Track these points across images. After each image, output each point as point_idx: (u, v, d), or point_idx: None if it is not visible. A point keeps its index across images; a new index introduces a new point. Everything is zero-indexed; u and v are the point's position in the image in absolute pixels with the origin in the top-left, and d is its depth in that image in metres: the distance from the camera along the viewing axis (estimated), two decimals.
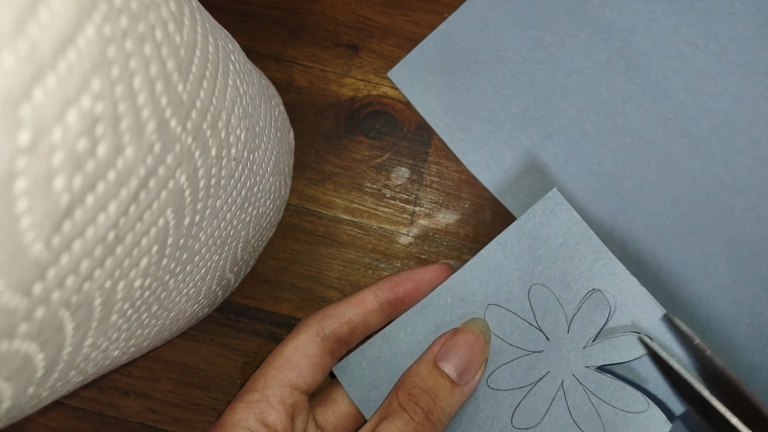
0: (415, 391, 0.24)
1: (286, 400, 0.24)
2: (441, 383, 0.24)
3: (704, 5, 0.31)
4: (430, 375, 0.25)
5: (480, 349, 0.25)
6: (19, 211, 0.10)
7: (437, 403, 0.24)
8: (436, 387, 0.24)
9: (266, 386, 0.24)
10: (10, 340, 0.12)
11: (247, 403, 0.24)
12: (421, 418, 0.23)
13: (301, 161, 0.32)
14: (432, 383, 0.24)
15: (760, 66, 0.31)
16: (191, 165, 0.17)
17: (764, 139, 0.30)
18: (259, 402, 0.24)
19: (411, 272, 0.27)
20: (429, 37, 0.32)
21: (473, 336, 0.26)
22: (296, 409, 0.25)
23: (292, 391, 0.25)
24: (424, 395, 0.24)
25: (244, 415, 0.24)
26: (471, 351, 0.25)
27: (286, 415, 0.24)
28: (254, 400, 0.24)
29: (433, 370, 0.25)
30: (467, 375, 0.25)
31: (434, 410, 0.24)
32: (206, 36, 0.17)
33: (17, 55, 0.10)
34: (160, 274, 0.18)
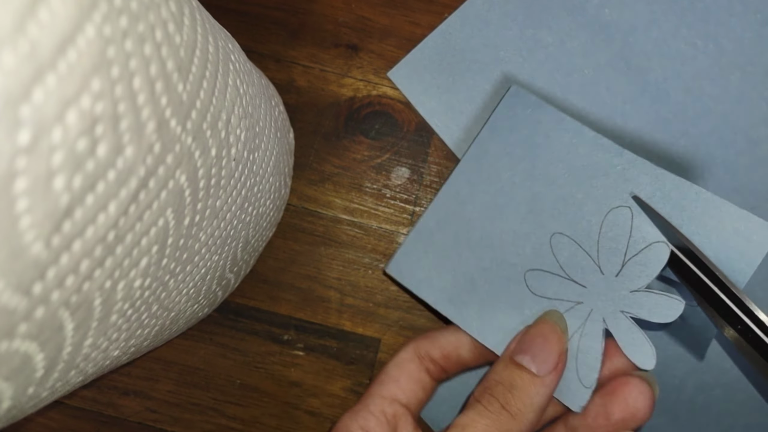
0: (490, 384, 0.24)
1: (386, 410, 0.25)
2: (517, 374, 0.24)
3: (704, 6, 0.31)
4: (506, 369, 0.25)
5: (557, 339, 0.25)
6: (19, 211, 0.10)
7: (514, 394, 0.24)
8: (512, 378, 0.24)
9: (368, 397, 0.26)
10: (9, 340, 0.12)
11: (351, 413, 0.25)
12: (497, 408, 0.23)
13: (300, 161, 0.32)
14: (507, 375, 0.24)
15: (760, 67, 0.31)
16: (191, 165, 0.17)
17: (764, 140, 0.30)
18: (360, 411, 0.25)
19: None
20: (429, 37, 0.32)
21: (548, 326, 0.26)
22: (397, 420, 0.25)
23: (391, 402, 0.26)
24: (498, 386, 0.24)
25: (346, 422, 0.25)
26: (547, 341, 0.25)
27: (386, 424, 0.25)
28: (357, 410, 0.25)
29: (509, 364, 0.25)
30: (546, 365, 0.24)
31: (511, 401, 0.24)
32: (206, 36, 0.17)
33: (17, 55, 0.10)
34: (160, 274, 0.18)
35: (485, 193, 0.29)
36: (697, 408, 0.30)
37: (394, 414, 0.25)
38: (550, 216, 0.28)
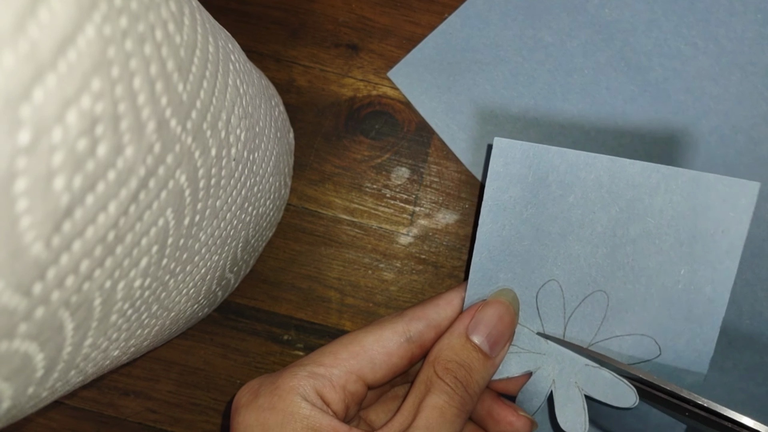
0: (452, 365, 0.24)
1: (348, 387, 0.24)
2: (474, 356, 0.25)
3: (704, 6, 0.31)
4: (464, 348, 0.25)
5: (510, 321, 0.26)
6: (19, 211, 0.10)
7: (473, 376, 0.24)
8: (470, 360, 0.25)
9: (334, 365, 0.24)
10: (9, 340, 0.12)
11: (310, 374, 0.23)
12: (462, 390, 0.24)
13: (301, 161, 0.32)
14: (466, 357, 0.25)
15: (760, 66, 0.31)
16: (191, 165, 0.17)
17: (764, 139, 0.30)
18: (322, 377, 0.23)
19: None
20: (429, 37, 0.32)
21: (504, 307, 0.26)
22: (355, 399, 0.24)
23: (357, 380, 0.24)
24: (460, 369, 0.24)
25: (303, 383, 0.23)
26: (502, 323, 0.25)
27: (343, 401, 0.24)
28: (318, 373, 0.23)
29: (466, 344, 0.25)
30: (498, 347, 0.25)
31: (471, 383, 0.24)
32: (206, 36, 0.17)
33: (17, 55, 0.10)
34: (160, 274, 0.18)
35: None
36: None
37: (354, 393, 0.24)
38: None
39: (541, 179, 0.26)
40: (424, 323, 0.25)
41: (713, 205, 0.26)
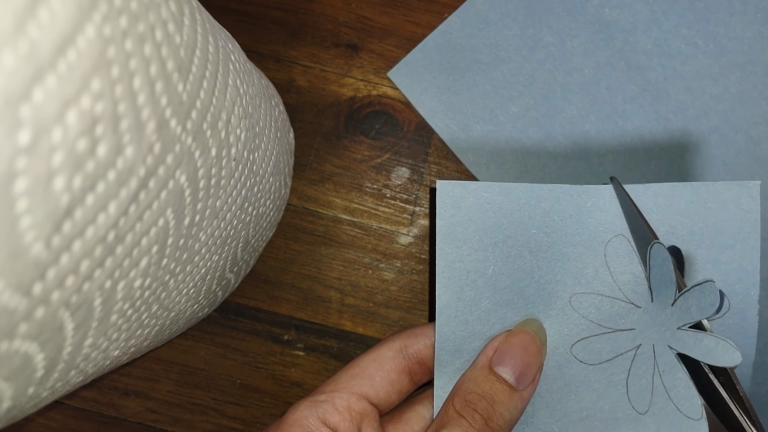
0: (472, 397, 0.23)
1: (353, 407, 0.24)
2: (498, 388, 0.23)
3: (704, 5, 0.31)
4: (487, 380, 0.23)
5: (536, 351, 0.24)
6: (19, 211, 0.10)
7: (496, 409, 0.23)
8: (494, 392, 0.23)
9: (335, 389, 0.24)
10: (10, 340, 0.12)
11: (312, 402, 0.24)
12: (481, 424, 0.22)
13: (301, 161, 0.32)
14: (489, 388, 0.23)
15: (760, 66, 0.31)
16: (191, 165, 0.17)
17: (764, 139, 0.30)
18: (323, 402, 0.24)
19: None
20: (429, 37, 0.32)
21: (528, 337, 0.24)
22: (364, 419, 0.24)
23: (360, 399, 0.24)
24: (481, 401, 0.23)
25: (305, 413, 0.23)
26: (527, 353, 0.24)
27: (350, 422, 0.23)
28: (319, 401, 0.24)
29: (489, 375, 0.24)
30: (525, 378, 0.24)
31: (493, 416, 0.23)
32: (206, 36, 0.17)
33: (17, 55, 0.10)
34: (160, 274, 0.18)
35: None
36: None
37: (360, 412, 0.24)
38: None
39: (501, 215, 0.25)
40: (422, 340, 0.25)
41: (719, 212, 0.25)
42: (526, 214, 0.25)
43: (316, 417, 0.23)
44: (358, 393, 0.24)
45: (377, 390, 0.24)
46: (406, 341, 0.25)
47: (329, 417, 0.23)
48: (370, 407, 0.24)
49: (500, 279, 0.26)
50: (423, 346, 0.25)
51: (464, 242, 0.25)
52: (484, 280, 0.25)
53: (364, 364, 0.25)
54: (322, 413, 0.23)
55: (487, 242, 0.25)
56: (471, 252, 0.25)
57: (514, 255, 0.25)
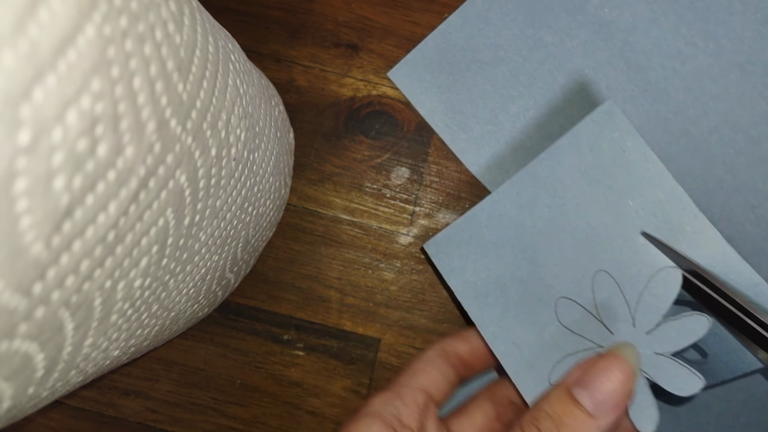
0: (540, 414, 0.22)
1: (418, 400, 0.26)
2: (570, 410, 0.22)
3: (704, 5, 0.31)
4: (560, 401, 0.22)
5: (625, 378, 0.22)
6: (19, 211, 0.10)
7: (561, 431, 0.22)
8: (564, 413, 0.22)
9: (399, 387, 0.26)
10: (10, 340, 0.12)
11: (383, 398, 0.25)
12: None
13: (301, 161, 0.32)
14: (560, 409, 0.22)
15: (760, 66, 0.31)
16: (191, 165, 0.17)
17: (764, 138, 0.30)
18: (394, 399, 0.25)
19: None
20: (429, 37, 0.32)
21: (617, 362, 0.22)
22: (427, 411, 0.26)
23: (422, 393, 0.26)
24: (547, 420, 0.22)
25: (378, 407, 0.25)
26: (611, 379, 0.22)
27: (418, 413, 0.25)
28: (388, 398, 0.26)
29: (565, 397, 0.22)
30: (605, 406, 0.22)
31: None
32: (206, 36, 0.17)
33: (17, 55, 0.10)
34: (160, 274, 0.18)
35: (546, 206, 0.27)
36: (698, 406, 0.30)
37: (424, 404, 0.26)
38: (603, 251, 0.25)
39: (480, 243, 0.28)
40: (457, 339, 0.28)
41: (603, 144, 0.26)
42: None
43: (390, 412, 0.25)
44: (420, 388, 0.26)
45: (432, 381, 0.26)
46: (443, 342, 0.28)
47: (401, 412, 0.25)
48: (431, 401, 0.26)
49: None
50: (460, 345, 0.28)
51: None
52: (509, 299, 0.27)
53: (416, 364, 0.27)
54: (394, 408, 0.25)
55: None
56: (484, 284, 0.28)
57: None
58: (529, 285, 0.27)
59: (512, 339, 0.27)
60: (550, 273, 0.27)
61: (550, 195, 0.27)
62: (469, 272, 0.28)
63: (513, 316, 0.27)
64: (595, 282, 0.26)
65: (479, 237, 0.28)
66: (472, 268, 0.28)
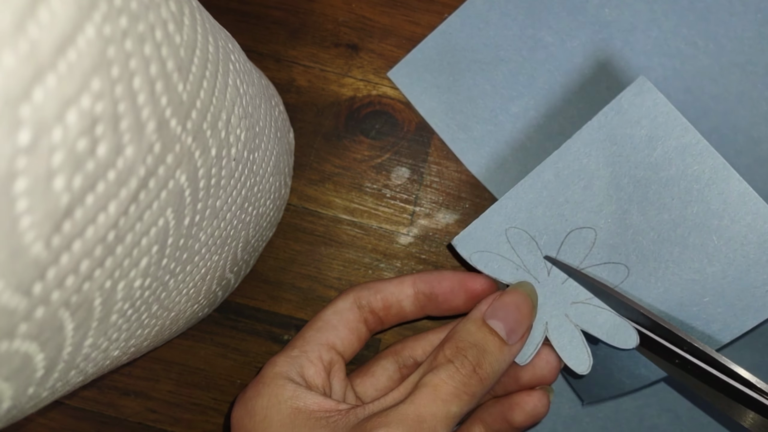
0: (463, 344, 0.24)
1: (323, 357, 0.25)
2: (490, 339, 0.24)
3: (704, 5, 0.31)
4: (480, 331, 0.24)
5: (528, 311, 0.25)
6: (19, 211, 0.10)
7: (486, 358, 0.24)
8: (485, 342, 0.24)
9: (305, 344, 0.25)
10: (10, 340, 0.12)
11: (288, 357, 0.25)
12: (469, 370, 0.23)
13: (301, 161, 0.32)
14: (481, 338, 0.24)
15: (760, 66, 0.30)
16: (191, 165, 0.17)
17: (764, 139, 0.30)
18: (298, 357, 0.25)
19: (453, 274, 0.27)
20: (429, 37, 0.32)
21: (521, 297, 0.26)
22: (332, 367, 0.25)
23: (329, 349, 0.25)
24: (472, 348, 0.24)
25: (285, 368, 0.24)
26: (519, 311, 0.25)
27: (323, 371, 0.25)
28: (294, 356, 0.25)
29: (483, 327, 0.25)
30: (515, 334, 0.25)
31: (483, 364, 0.23)
32: (206, 36, 0.17)
33: (17, 55, 0.10)
34: (160, 274, 0.18)
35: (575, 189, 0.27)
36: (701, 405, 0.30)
37: (330, 361, 0.25)
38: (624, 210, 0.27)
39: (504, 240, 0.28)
40: (373, 292, 0.27)
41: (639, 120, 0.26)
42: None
43: (295, 372, 0.24)
44: (326, 344, 0.26)
45: (341, 338, 0.26)
46: (358, 293, 0.27)
47: (306, 370, 0.24)
48: (337, 356, 0.26)
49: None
50: (373, 298, 0.27)
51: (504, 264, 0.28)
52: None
53: (325, 317, 0.26)
54: (299, 367, 0.24)
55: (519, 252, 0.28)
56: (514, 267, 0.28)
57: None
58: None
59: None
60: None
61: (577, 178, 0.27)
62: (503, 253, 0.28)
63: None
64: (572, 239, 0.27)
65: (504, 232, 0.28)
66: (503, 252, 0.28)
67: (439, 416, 0.22)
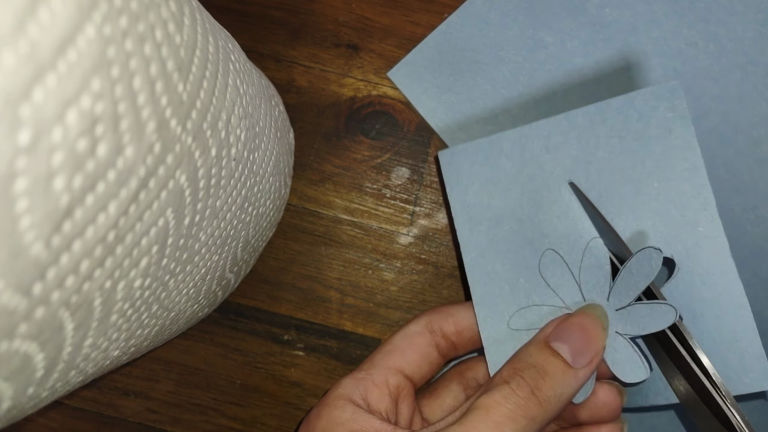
0: (521, 365, 0.23)
1: (390, 381, 0.25)
2: (552, 361, 0.23)
3: (704, 6, 0.31)
4: (540, 352, 0.23)
5: (598, 334, 0.24)
6: (19, 211, 0.10)
7: (546, 380, 0.22)
8: (546, 364, 0.23)
9: (372, 367, 0.25)
10: (9, 340, 0.12)
11: (353, 379, 0.25)
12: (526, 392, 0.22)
13: (301, 161, 0.32)
14: (542, 360, 0.23)
15: (761, 66, 0.30)
16: (191, 165, 0.17)
17: (764, 139, 0.30)
18: (363, 379, 0.25)
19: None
20: (429, 37, 0.32)
21: (589, 319, 0.24)
22: (400, 392, 0.25)
23: (396, 373, 0.25)
24: (530, 369, 0.22)
25: (348, 390, 0.24)
26: (587, 333, 0.23)
27: (388, 395, 0.24)
28: (359, 378, 0.25)
29: (544, 349, 0.23)
30: (582, 358, 0.23)
31: (542, 387, 0.22)
32: (206, 36, 0.17)
33: (17, 55, 0.10)
34: (160, 274, 0.18)
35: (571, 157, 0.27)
36: None
37: (397, 386, 0.25)
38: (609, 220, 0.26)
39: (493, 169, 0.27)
40: (444, 316, 0.26)
41: (653, 118, 0.25)
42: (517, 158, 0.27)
43: (359, 394, 0.24)
44: (393, 367, 0.25)
45: (410, 363, 0.25)
46: (430, 318, 0.26)
47: (370, 393, 0.24)
48: (405, 381, 0.25)
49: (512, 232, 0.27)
50: (445, 322, 0.26)
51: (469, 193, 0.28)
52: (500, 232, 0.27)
53: (395, 341, 0.26)
54: (363, 390, 0.24)
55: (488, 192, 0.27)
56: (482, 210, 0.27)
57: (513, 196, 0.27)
58: (524, 226, 0.27)
59: (489, 270, 0.27)
60: (548, 222, 0.27)
61: (580, 148, 0.26)
62: (472, 194, 0.28)
63: (498, 250, 0.27)
64: (589, 247, 0.26)
65: (495, 163, 0.27)
66: (476, 191, 0.27)
67: None
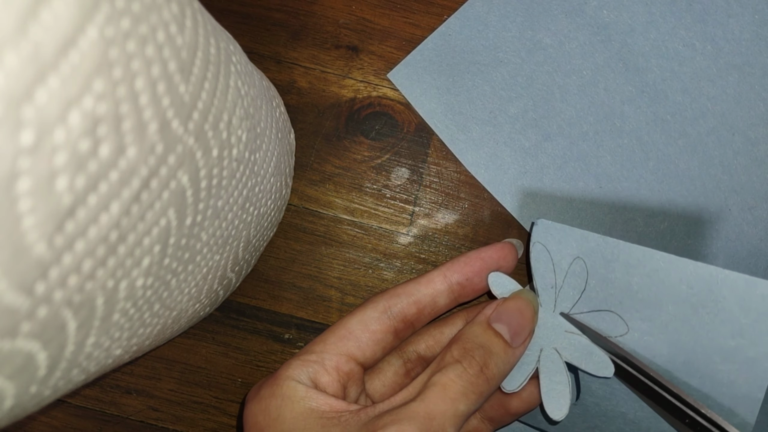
0: (470, 345, 0.24)
1: (341, 368, 0.25)
2: (496, 341, 0.25)
3: (702, 7, 0.31)
4: (485, 333, 0.25)
5: (531, 316, 0.26)
6: (22, 211, 0.10)
7: (492, 359, 0.24)
8: (491, 344, 0.25)
9: (324, 350, 0.25)
10: (12, 339, 0.12)
11: (303, 361, 0.25)
12: (476, 370, 0.24)
13: (301, 162, 0.33)
14: (487, 340, 0.25)
15: (758, 68, 0.31)
16: (193, 165, 0.17)
17: (761, 140, 0.30)
18: (314, 363, 0.25)
19: (477, 252, 0.28)
20: (428, 38, 0.32)
21: (524, 302, 0.26)
22: (350, 378, 0.25)
23: (348, 360, 0.25)
24: (479, 349, 0.24)
25: (297, 371, 0.24)
26: (522, 316, 0.26)
27: (338, 381, 0.25)
28: (310, 360, 0.25)
29: (488, 329, 0.25)
30: (518, 338, 0.25)
31: (489, 365, 0.24)
32: (208, 37, 0.17)
33: (20, 56, 0.10)
34: (162, 274, 0.18)
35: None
36: None
37: (348, 372, 0.25)
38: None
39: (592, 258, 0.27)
40: (405, 299, 0.27)
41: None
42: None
43: (308, 376, 0.24)
44: (346, 354, 0.25)
45: (363, 350, 0.26)
46: (389, 301, 0.27)
47: (319, 377, 0.24)
48: (356, 367, 0.26)
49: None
50: (406, 304, 0.27)
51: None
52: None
53: (350, 325, 0.26)
54: (313, 373, 0.24)
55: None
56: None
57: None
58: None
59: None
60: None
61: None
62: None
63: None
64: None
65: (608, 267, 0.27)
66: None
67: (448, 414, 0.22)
